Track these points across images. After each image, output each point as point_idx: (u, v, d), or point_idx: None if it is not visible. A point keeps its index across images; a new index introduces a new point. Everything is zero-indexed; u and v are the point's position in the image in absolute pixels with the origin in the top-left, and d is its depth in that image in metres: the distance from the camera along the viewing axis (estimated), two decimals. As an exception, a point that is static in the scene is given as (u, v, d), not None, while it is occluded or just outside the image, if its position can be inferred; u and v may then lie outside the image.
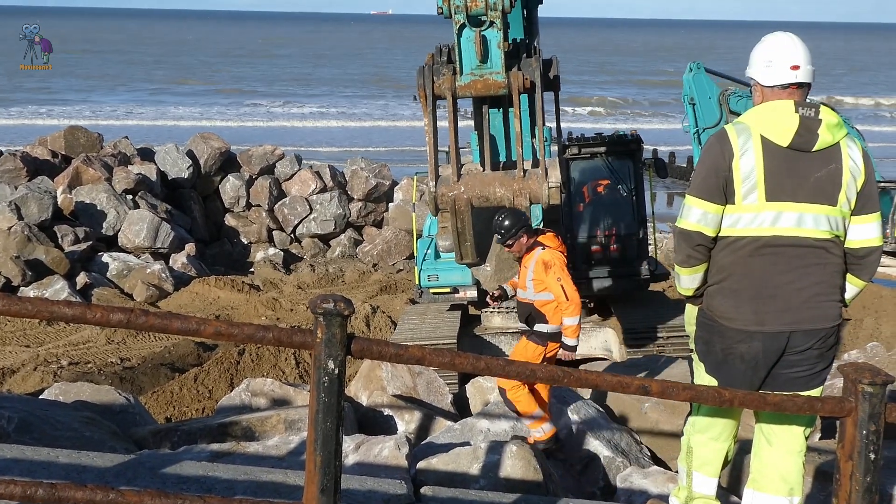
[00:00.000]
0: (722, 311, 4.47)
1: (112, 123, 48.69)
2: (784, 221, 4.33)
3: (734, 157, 4.33)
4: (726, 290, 4.45)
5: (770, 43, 4.52)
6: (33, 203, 19.67)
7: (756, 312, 4.38)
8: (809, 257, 4.36)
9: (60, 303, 3.03)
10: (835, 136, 4.35)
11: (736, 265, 4.41)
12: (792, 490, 4.55)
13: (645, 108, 69.46)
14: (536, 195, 7.18)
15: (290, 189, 24.57)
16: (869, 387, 3.47)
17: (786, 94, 4.41)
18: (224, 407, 8.33)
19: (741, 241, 4.38)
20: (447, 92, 7.19)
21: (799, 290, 4.36)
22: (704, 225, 4.41)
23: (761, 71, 4.48)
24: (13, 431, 6.09)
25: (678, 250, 4.56)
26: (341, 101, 69.82)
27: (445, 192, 7.21)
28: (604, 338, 12.32)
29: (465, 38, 7.09)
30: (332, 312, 3.11)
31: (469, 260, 7.84)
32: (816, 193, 4.32)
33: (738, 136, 4.36)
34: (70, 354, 14.33)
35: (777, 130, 4.32)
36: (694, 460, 4.75)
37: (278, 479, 4.77)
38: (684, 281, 4.64)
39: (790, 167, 4.32)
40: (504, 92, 7.25)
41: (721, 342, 4.49)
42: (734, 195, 4.34)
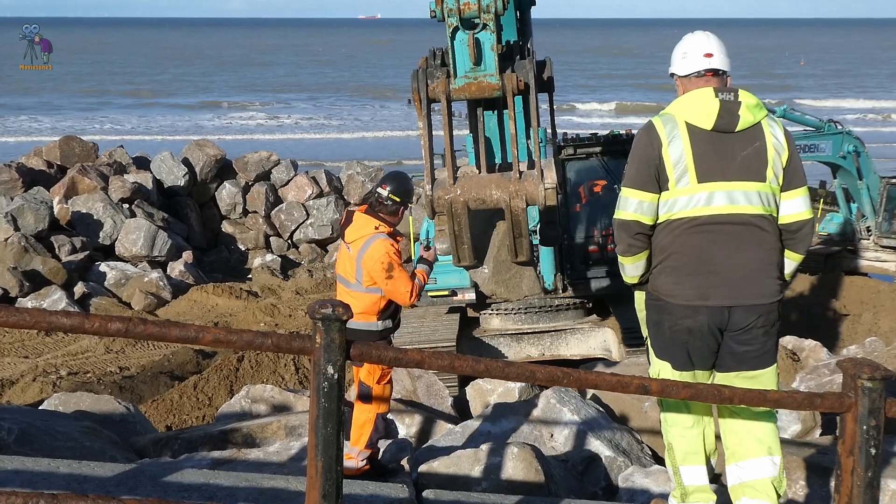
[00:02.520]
0: (666, 289, 4.65)
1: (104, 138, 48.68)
2: (717, 201, 4.52)
3: (662, 145, 4.54)
4: (668, 269, 4.63)
5: (686, 39, 4.83)
6: (30, 214, 19.65)
7: (698, 287, 4.55)
8: (744, 234, 4.55)
9: (58, 313, 3.03)
10: (755, 115, 4.56)
11: (675, 244, 4.59)
12: (770, 449, 4.66)
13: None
14: (532, 196, 7.18)
15: (287, 195, 24.56)
16: (868, 382, 3.48)
17: (702, 82, 4.66)
18: (224, 414, 8.32)
19: (677, 221, 4.57)
20: (441, 95, 7.20)
21: (736, 266, 4.54)
22: (641, 214, 4.62)
23: (678, 63, 4.78)
24: (13, 443, 6.09)
25: (619, 241, 4.77)
26: (335, 110, 69.61)
27: (442, 195, 7.22)
28: (602, 338, 12.33)
29: (459, 41, 7.10)
30: (331, 317, 3.12)
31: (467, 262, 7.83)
32: (744, 171, 4.53)
33: (664, 126, 4.58)
34: (69, 364, 14.31)
35: (700, 115, 4.53)
36: (676, 454, 4.85)
37: (280, 486, 4.77)
38: (629, 269, 4.85)
39: (717, 148, 4.53)
40: (498, 94, 7.26)
41: (668, 320, 4.65)
42: (668, 181, 4.55)
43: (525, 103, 7.73)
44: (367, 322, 6.36)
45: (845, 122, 21.77)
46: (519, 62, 7.36)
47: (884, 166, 30.11)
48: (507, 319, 12.41)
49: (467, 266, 8.01)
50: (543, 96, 8.00)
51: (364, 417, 6.31)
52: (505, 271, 8.11)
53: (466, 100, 7.56)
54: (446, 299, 12.29)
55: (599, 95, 76.65)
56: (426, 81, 7.26)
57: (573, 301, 12.53)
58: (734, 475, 4.74)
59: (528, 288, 8.29)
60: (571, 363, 11.83)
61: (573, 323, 12.49)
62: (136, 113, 66.19)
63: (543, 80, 7.80)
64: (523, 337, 12.35)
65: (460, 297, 12.19)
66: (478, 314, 12.71)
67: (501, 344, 12.28)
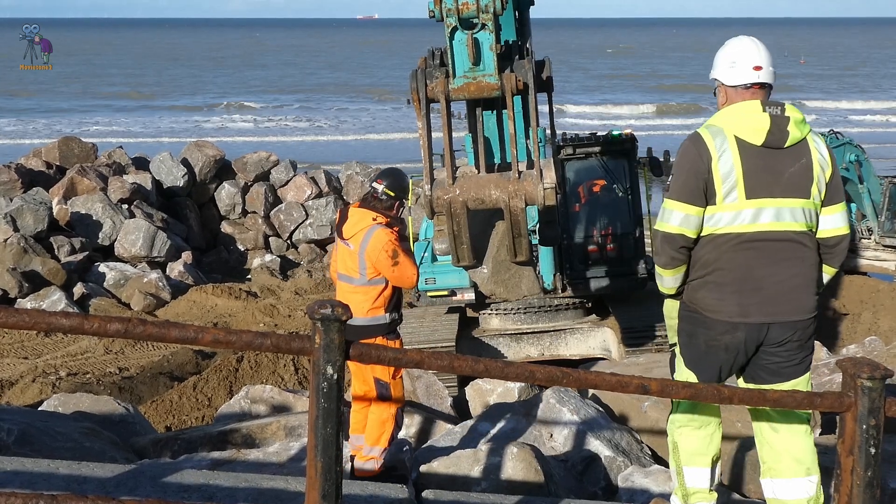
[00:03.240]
0: (706, 304, 4.60)
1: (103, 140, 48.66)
2: (764, 217, 4.49)
3: (712, 159, 4.48)
4: (710, 284, 4.58)
5: (734, 45, 4.73)
6: (29, 214, 19.65)
7: (740, 304, 4.52)
8: (788, 251, 4.53)
9: (58, 314, 3.02)
10: (802, 131, 4.52)
11: (719, 260, 4.54)
12: (809, 470, 4.64)
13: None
14: (532, 196, 7.17)
15: (286, 195, 24.56)
16: (868, 381, 3.47)
17: (749, 94, 4.59)
18: (224, 415, 8.33)
19: (723, 237, 4.52)
20: (440, 95, 7.19)
21: (780, 283, 4.52)
22: (686, 227, 4.55)
23: (725, 72, 4.68)
24: (13, 444, 6.09)
25: (661, 253, 4.67)
26: (335, 111, 69.53)
27: (441, 195, 7.20)
28: (602, 337, 12.34)
29: (458, 41, 7.09)
30: (330, 318, 3.11)
31: (466, 262, 7.82)
32: (791, 188, 4.50)
33: (713, 139, 4.51)
34: (68, 365, 14.31)
35: (750, 130, 4.48)
36: (681, 455, 4.81)
37: (279, 486, 4.77)
38: (667, 281, 4.77)
39: (766, 164, 4.48)
40: (497, 94, 7.25)
41: (705, 334, 4.61)
42: (715, 196, 4.49)
43: (524, 103, 7.72)
44: (376, 316, 6.40)
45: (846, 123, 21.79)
46: (518, 62, 7.35)
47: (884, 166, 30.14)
48: (507, 319, 12.41)
49: (466, 266, 7.99)
50: (543, 96, 7.98)
51: (386, 415, 6.34)
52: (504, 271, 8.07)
53: (465, 100, 7.55)
54: (445, 299, 12.30)
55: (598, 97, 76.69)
56: (425, 81, 7.24)
57: (572, 301, 12.54)
58: (769, 489, 4.72)
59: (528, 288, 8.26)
60: (571, 363, 11.84)
61: (572, 323, 12.50)
62: (135, 114, 66.21)
63: (542, 80, 7.80)
64: (523, 337, 12.36)
65: (459, 297, 12.20)
66: (477, 314, 12.72)
67: (501, 344, 12.29)
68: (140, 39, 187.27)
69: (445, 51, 7.30)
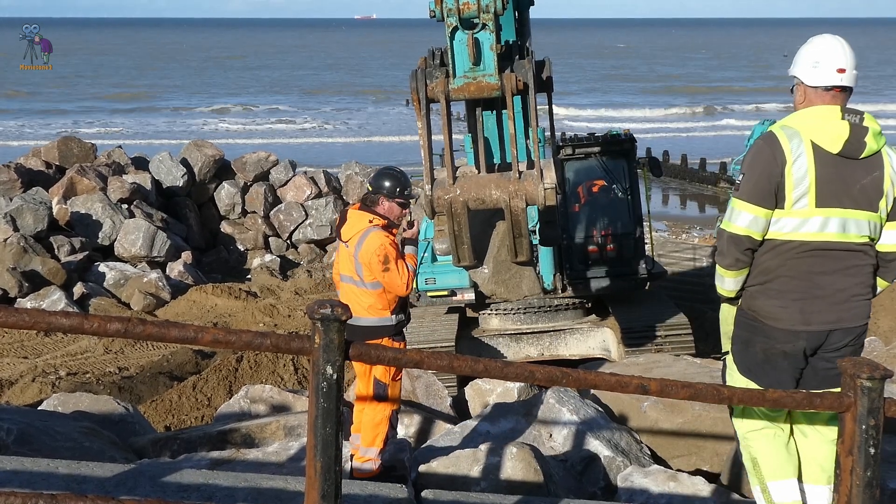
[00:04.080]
0: (767, 312, 4.52)
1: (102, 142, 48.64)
2: (830, 227, 4.41)
3: (787, 162, 4.37)
4: (772, 291, 4.50)
5: (818, 44, 4.56)
6: (29, 214, 19.64)
7: (802, 312, 4.45)
8: (851, 259, 4.47)
9: (57, 313, 3.03)
10: (878, 143, 4.43)
11: (782, 267, 4.46)
12: (831, 478, 4.51)
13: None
14: (532, 196, 7.16)
15: (286, 195, 24.56)
16: (867, 381, 3.48)
17: (829, 97, 4.46)
18: (223, 414, 8.33)
19: (787, 244, 4.44)
20: (440, 95, 7.18)
21: (841, 291, 4.46)
22: (754, 230, 4.46)
23: (807, 71, 4.52)
24: (12, 443, 6.08)
25: (726, 254, 4.56)
26: (333, 113, 69.44)
27: (441, 195, 7.19)
28: (602, 338, 12.33)
29: (458, 41, 7.08)
30: (330, 318, 3.11)
31: (466, 262, 7.80)
32: (861, 200, 4.42)
33: (789, 141, 4.39)
34: (68, 365, 14.31)
35: (827, 137, 4.37)
36: (763, 471, 4.68)
37: (279, 486, 4.77)
38: (728, 283, 4.66)
39: (839, 174, 4.39)
40: (497, 94, 7.24)
41: (764, 342, 4.53)
42: (784, 200, 4.39)
43: (524, 103, 7.72)
44: (381, 318, 6.39)
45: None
46: (518, 62, 7.35)
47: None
48: (506, 319, 12.41)
49: (467, 266, 7.97)
50: (542, 97, 7.98)
51: (380, 416, 6.33)
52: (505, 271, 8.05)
53: (465, 100, 7.55)
54: (445, 299, 12.29)
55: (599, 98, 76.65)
56: (425, 81, 7.24)
57: (572, 301, 12.54)
58: None
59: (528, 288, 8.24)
60: (570, 363, 11.84)
61: (572, 323, 12.50)
62: (134, 114, 66.21)
63: (542, 80, 7.79)
64: (522, 337, 12.35)
65: (460, 297, 12.19)
66: (477, 314, 12.71)
67: (500, 344, 12.28)
68: (139, 40, 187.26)
69: (445, 51, 7.30)
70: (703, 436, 7.41)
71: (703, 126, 59.61)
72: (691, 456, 7.34)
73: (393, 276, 6.25)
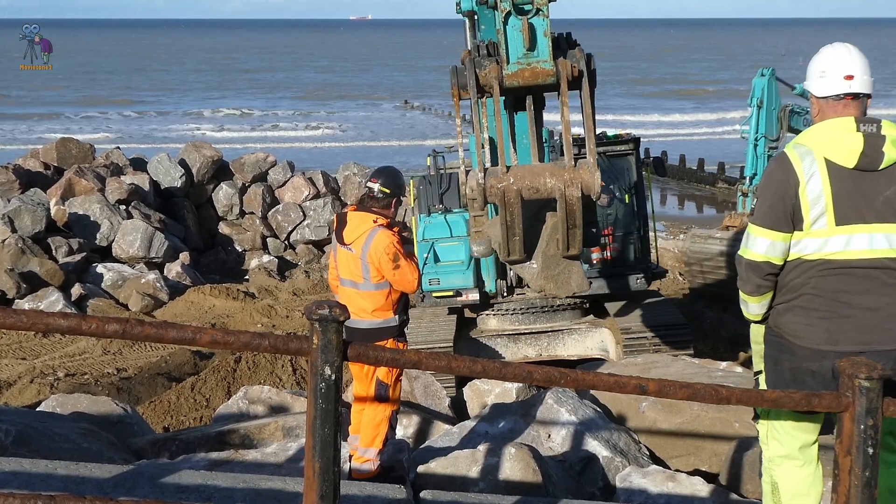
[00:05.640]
0: (792, 330, 4.39)
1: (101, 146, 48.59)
2: (855, 244, 4.26)
3: (799, 183, 4.24)
4: (797, 309, 4.38)
5: (825, 53, 4.48)
6: (26, 215, 19.63)
7: (828, 331, 4.30)
8: (882, 277, 4.29)
9: (56, 314, 3.03)
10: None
11: (807, 285, 4.33)
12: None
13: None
14: (588, 185, 6.89)
15: (284, 196, 24.56)
16: (866, 381, 3.48)
17: (841, 106, 4.35)
18: (222, 415, 8.33)
19: (811, 262, 4.31)
20: (494, 81, 6.97)
21: (873, 311, 4.27)
22: (773, 255, 4.35)
23: (815, 82, 4.43)
24: (11, 444, 6.08)
25: (746, 281, 4.46)
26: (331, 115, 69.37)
27: (495, 183, 6.87)
28: (600, 338, 12.33)
29: (511, 27, 6.94)
30: (328, 318, 3.11)
31: (516, 256, 7.47)
32: (886, 213, 4.25)
33: (801, 161, 4.27)
34: (66, 366, 14.30)
35: (841, 152, 4.23)
36: (782, 496, 4.55)
37: (277, 487, 4.78)
38: (753, 308, 4.56)
39: (858, 188, 4.24)
40: (552, 80, 7.07)
41: (790, 360, 4.41)
42: (802, 221, 4.26)
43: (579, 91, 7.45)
44: (384, 319, 6.40)
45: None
46: (570, 52, 7.21)
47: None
48: (505, 320, 12.40)
49: (516, 260, 7.62)
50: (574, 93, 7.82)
51: (380, 417, 6.33)
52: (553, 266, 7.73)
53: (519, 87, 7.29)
54: (450, 300, 12.27)
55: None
56: (475, 71, 7.08)
57: (571, 301, 12.53)
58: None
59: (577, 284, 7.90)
60: (569, 363, 11.84)
61: (570, 323, 12.49)
62: (132, 115, 66.19)
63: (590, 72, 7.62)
64: (520, 337, 12.34)
65: (464, 297, 12.18)
66: (475, 315, 12.71)
67: (499, 344, 12.27)
68: (138, 41, 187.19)
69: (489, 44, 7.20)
70: (701, 436, 7.42)
71: (702, 128, 59.59)
72: (690, 456, 7.35)
73: (404, 273, 6.28)
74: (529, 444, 6.34)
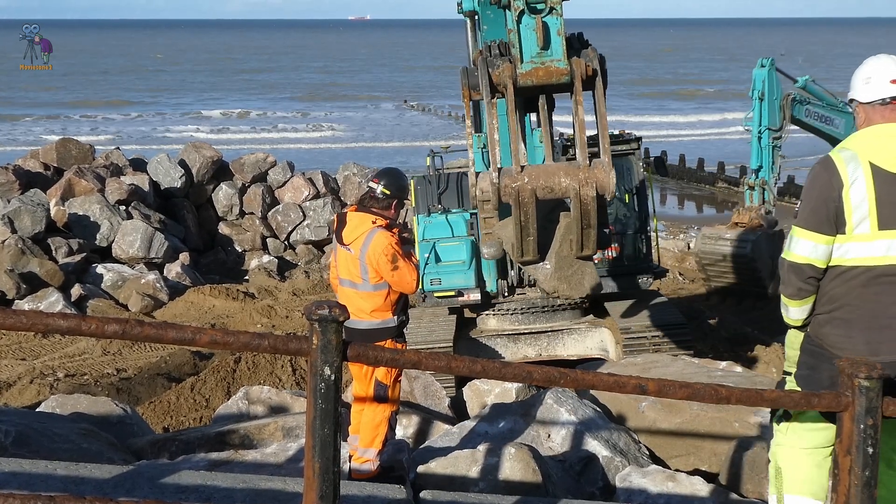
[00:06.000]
0: (832, 341, 4.39)
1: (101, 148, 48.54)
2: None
3: (844, 186, 4.25)
4: (837, 320, 4.37)
5: (870, 62, 4.54)
6: (26, 216, 19.63)
7: (868, 343, 4.29)
8: None
9: (55, 315, 3.03)
10: None
11: (848, 295, 4.33)
12: None
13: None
14: (603, 184, 6.83)
15: (283, 196, 24.57)
16: (865, 381, 3.48)
17: (888, 111, 4.38)
18: (221, 415, 8.32)
19: (853, 270, 4.30)
20: (508, 80, 6.89)
21: None
22: (815, 257, 4.35)
23: (861, 89, 4.47)
24: (11, 445, 6.08)
25: (788, 283, 4.47)
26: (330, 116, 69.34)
27: (509, 182, 6.78)
28: (600, 338, 12.33)
29: (525, 25, 6.89)
30: (328, 319, 3.12)
31: (530, 257, 7.37)
32: None
33: (846, 165, 4.28)
34: (66, 366, 14.30)
35: (886, 156, 4.25)
36: (784, 482, 4.56)
37: (277, 487, 4.77)
38: (794, 313, 4.56)
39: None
40: (566, 79, 7.01)
41: (830, 370, 4.29)
42: (845, 225, 4.27)
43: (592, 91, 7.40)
44: (383, 320, 6.40)
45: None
46: (583, 51, 7.17)
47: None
48: (504, 320, 12.41)
49: (529, 261, 7.53)
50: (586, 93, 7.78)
51: (380, 417, 6.33)
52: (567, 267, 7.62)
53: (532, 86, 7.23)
54: (452, 300, 12.27)
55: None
56: (487, 71, 7.03)
57: (570, 301, 12.53)
58: None
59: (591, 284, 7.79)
60: (568, 363, 11.84)
61: (570, 323, 12.49)
62: (131, 116, 66.19)
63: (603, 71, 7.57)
64: (520, 337, 12.34)
65: (466, 297, 12.17)
66: (475, 315, 12.71)
67: (498, 344, 12.27)
68: (138, 41, 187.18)
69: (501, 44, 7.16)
70: (701, 436, 7.41)
71: (702, 129, 59.61)
72: (689, 456, 7.35)
73: (402, 274, 6.28)
74: (529, 444, 6.33)
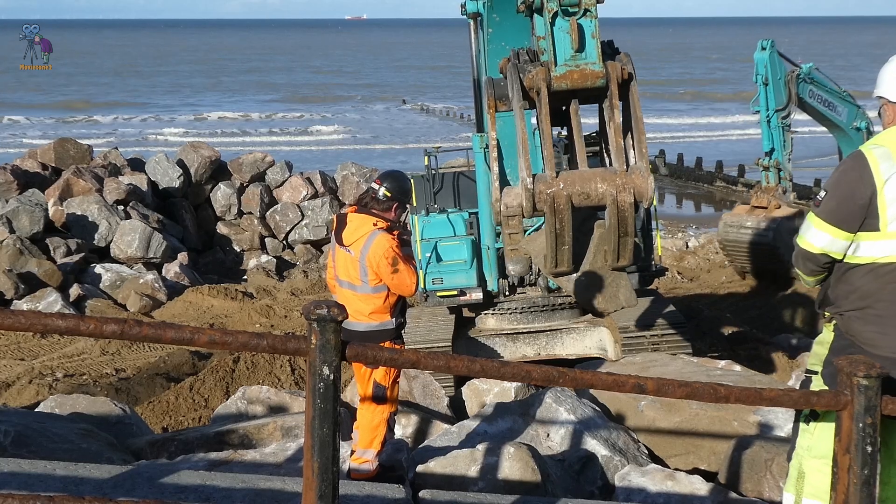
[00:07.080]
0: (865, 338, 4.35)
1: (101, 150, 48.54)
2: None
3: (877, 184, 4.21)
4: (870, 317, 4.34)
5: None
6: (25, 216, 19.63)
7: None
8: None
9: (54, 315, 3.02)
10: None
11: (881, 291, 4.30)
12: None
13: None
14: (641, 191, 6.64)
15: (282, 196, 24.57)
16: (864, 380, 3.48)
17: None
18: (220, 415, 8.33)
19: (886, 267, 4.27)
20: (542, 83, 6.75)
21: None
22: (832, 249, 4.34)
23: (889, 86, 4.44)
24: (10, 445, 6.08)
25: (803, 267, 4.48)
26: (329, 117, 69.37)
27: (543, 189, 6.56)
28: (598, 337, 12.32)
29: (559, 28, 6.80)
30: (326, 318, 3.11)
31: (564, 268, 7.07)
32: None
33: (879, 162, 4.24)
34: (65, 367, 14.29)
35: None
36: (806, 486, 4.52)
37: (276, 487, 4.77)
38: (810, 281, 4.62)
39: None
40: (601, 83, 6.89)
41: None
42: (878, 221, 4.23)
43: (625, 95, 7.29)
44: (381, 322, 6.40)
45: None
46: (618, 56, 7.09)
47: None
48: (503, 319, 12.40)
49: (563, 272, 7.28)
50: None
51: (378, 419, 6.33)
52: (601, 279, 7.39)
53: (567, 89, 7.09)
54: (454, 299, 12.26)
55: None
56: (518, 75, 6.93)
57: (569, 300, 12.52)
58: None
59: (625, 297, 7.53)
60: (567, 363, 11.83)
61: (569, 322, 12.47)
62: (129, 116, 66.17)
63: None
64: (519, 337, 12.33)
65: (468, 296, 12.16)
66: (474, 314, 12.70)
67: (497, 344, 12.27)
68: (137, 41, 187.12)
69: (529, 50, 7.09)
70: (700, 435, 7.42)
71: (701, 131, 59.61)
72: (689, 455, 7.35)
73: (402, 277, 6.28)
74: (528, 444, 6.33)
